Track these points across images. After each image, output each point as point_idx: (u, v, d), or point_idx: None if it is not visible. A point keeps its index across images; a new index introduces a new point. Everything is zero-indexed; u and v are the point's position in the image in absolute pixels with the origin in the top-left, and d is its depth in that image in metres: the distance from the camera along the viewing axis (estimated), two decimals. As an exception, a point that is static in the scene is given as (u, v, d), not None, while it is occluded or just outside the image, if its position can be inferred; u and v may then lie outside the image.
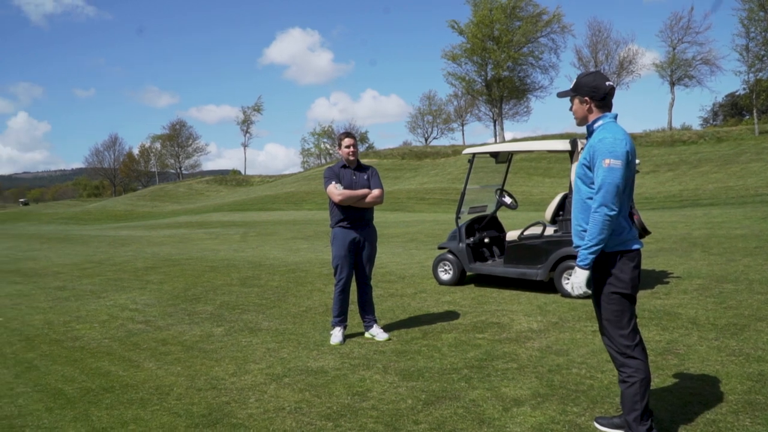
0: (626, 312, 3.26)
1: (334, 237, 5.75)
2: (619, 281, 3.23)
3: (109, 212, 57.98)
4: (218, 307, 7.59)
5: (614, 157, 3.10)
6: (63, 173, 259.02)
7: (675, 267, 8.74)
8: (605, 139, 3.16)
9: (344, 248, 5.67)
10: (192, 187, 77.29)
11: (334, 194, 5.61)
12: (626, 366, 3.24)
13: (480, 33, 60.13)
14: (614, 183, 3.09)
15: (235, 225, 27.35)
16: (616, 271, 3.23)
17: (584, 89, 3.29)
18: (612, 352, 3.33)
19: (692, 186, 30.90)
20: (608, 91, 3.27)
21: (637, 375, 3.21)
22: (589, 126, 3.34)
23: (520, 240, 7.69)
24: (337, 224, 5.74)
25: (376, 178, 5.85)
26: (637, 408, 3.19)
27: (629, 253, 3.25)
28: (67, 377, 4.98)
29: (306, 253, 13.71)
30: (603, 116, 3.29)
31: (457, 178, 43.36)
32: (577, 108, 3.36)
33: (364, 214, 5.75)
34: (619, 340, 3.26)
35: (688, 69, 55.04)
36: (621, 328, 3.25)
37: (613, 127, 3.23)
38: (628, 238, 3.25)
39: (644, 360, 3.25)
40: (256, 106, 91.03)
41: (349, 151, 5.75)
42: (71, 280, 10.67)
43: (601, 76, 3.33)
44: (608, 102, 3.31)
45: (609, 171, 3.09)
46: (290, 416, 3.95)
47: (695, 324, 5.67)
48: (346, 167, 5.80)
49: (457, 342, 5.50)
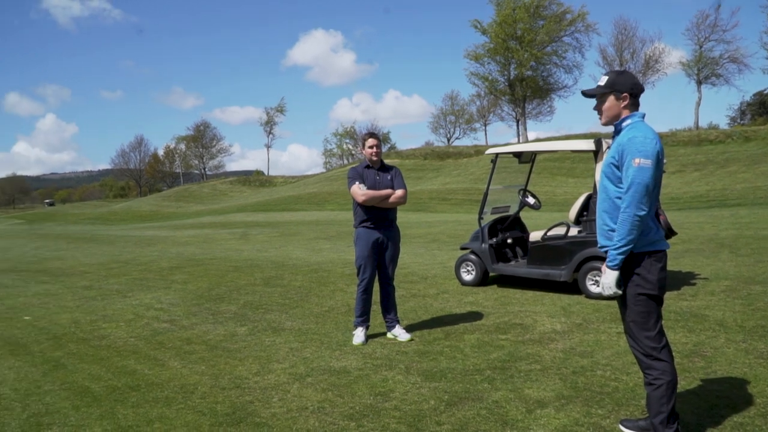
0: (653, 313, 3.21)
1: (358, 237, 5.76)
2: (647, 282, 3.18)
3: (134, 213, 58.80)
4: (242, 307, 7.66)
5: (644, 156, 3.06)
6: (90, 174, 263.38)
7: (702, 268, 8.60)
8: (635, 138, 3.12)
9: (368, 248, 5.68)
10: (216, 187, 78.05)
11: (357, 194, 5.62)
12: (652, 368, 3.20)
13: (503, 32, 59.77)
14: (644, 182, 3.05)
15: (258, 225, 27.56)
16: (643, 272, 3.18)
17: (625, 85, 3.25)
18: (638, 354, 3.28)
19: (719, 186, 30.38)
20: (642, 89, 3.27)
21: (663, 377, 3.17)
22: (617, 124, 3.29)
23: (543, 240, 7.63)
24: (361, 224, 5.74)
25: (399, 178, 5.84)
26: (664, 411, 3.15)
27: (656, 254, 3.20)
28: (93, 375, 5.06)
29: (328, 253, 13.76)
30: (632, 115, 3.26)
31: (479, 178, 43.15)
32: (611, 105, 3.29)
33: (387, 214, 5.75)
34: (645, 342, 3.22)
35: (715, 67, 54.14)
36: (647, 330, 3.21)
37: (643, 126, 3.20)
38: (656, 239, 3.20)
39: (670, 362, 3.21)
40: (279, 107, 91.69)
41: (372, 152, 5.76)
42: (98, 280, 10.85)
43: (635, 75, 3.31)
44: (638, 101, 3.29)
45: (639, 170, 3.05)
46: (313, 416, 3.97)
47: (722, 326, 5.57)
48: (370, 167, 5.80)
49: (480, 343, 5.48)
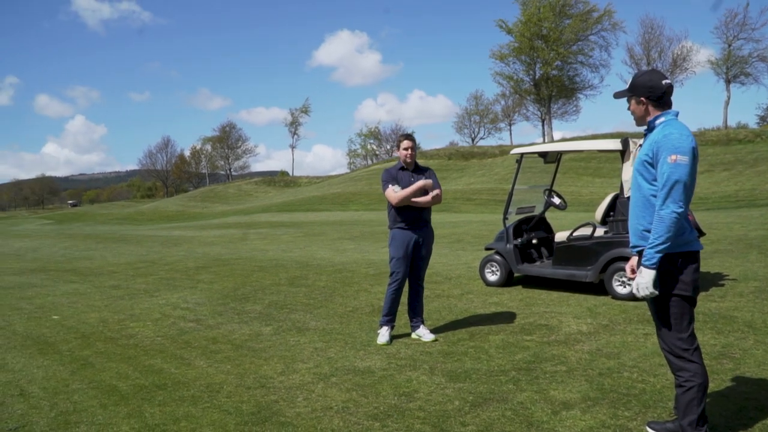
0: (686, 315, 3.18)
1: (393, 238, 5.79)
2: (681, 283, 3.14)
3: (161, 213, 59.60)
4: (267, 307, 7.72)
5: (681, 153, 3.02)
6: (118, 175, 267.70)
7: (731, 269, 8.44)
8: (671, 134, 3.08)
9: (403, 249, 5.70)
10: (241, 188, 78.75)
11: (391, 197, 5.64)
12: (684, 370, 3.16)
13: (528, 32, 59.39)
14: (681, 179, 3.01)
15: (283, 225, 27.74)
16: (677, 272, 3.14)
17: (641, 89, 3.23)
18: (669, 356, 3.24)
19: (749, 186, 29.78)
20: (666, 89, 3.20)
21: (694, 379, 3.13)
22: (650, 122, 3.26)
23: (569, 241, 7.56)
24: (396, 225, 5.77)
25: (434, 179, 5.84)
26: (693, 413, 3.11)
27: (691, 255, 3.16)
28: (121, 374, 5.14)
29: (353, 253, 13.80)
30: (665, 113, 3.22)
31: (504, 178, 42.90)
32: (634, 108, 3.31)
33: (421, 215, 5.76)
34: (678, 344, 3.18)
35: (744, 66, 53.18)
36: (680, 332, 3.17)
37: (677, 123, 3.16)
38: (690, 239, 3.17)
39: (702, 364, 3.17)
40: (304, 107, 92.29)
41: (407, 154, 5.76)
42: (125, 279, 11.02)
43: (658, 74, 3.25)
44: (667, 100, 3.23)
45: (675, 167, 3.01)
46: (337, 416, 3.99)
47: (751, 327, 5.47)
48: (404, 169, 5.81)
49: (505, 344, 5.45)
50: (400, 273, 5.75)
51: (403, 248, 5.71)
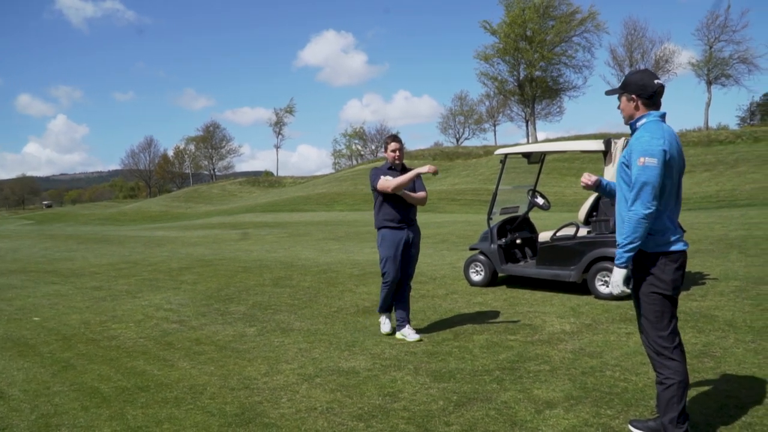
0: (666, 313, 3.23)
1: (383, 238, 5.86)
2: (660, 281, 3.20)
3: (144, 213, 59.11)
4: (251, 308, 7.68)
5: (649, 155, 3.08)
6: (100, 175, 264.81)
7: (712, 268, 8.55)
8: (642, 137, 3.16)
9: (393, 249, 5.79)
10: (225, 188, 78.31)
11: (388, 183, 5.65)
12: (664, 367, 3.21)
13: (513, 33, 59.71)
14: (649, 181, 3.08)
15: (267, 226, 27.63)
16: (657, 271, 3.20)
17: (632, 87, 3.28)
18: (650, 353, 3.30)
19: (729, 186, 30.18)
20: (657, 89, 3.25)
21: (674, 377, 3.18)
22: (633, 124, 3.33)
23: (552, 241, 7.61)
24: (384, 225, 5.84)
25: (419, 180, 5.95)
26: (674, 410, 3.16)
27: (672, 255, 3.21)
28: (103, 376, 5.09)
29: (337, 253, 13.78)
30: (647, 114, 3.27)
31: (488, 178, 43.08)
32: (624, 106, 3.35)
33: (408, 214, 5.86)
34: (658, 341, 3.24)
35: (725, 68, 53.92)
36: (660, 330, 3.23)
37: (654, 125, 3.21)
38: (672, 240, 3.21)
39: (682, 362, 3.22)
40: (289, 107, 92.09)
41: (395, 155, 5.87)
42: (107, 280, 10.91)
43: (650, 74, 3.32)
44: (656, 101, 3.29)
45: (643, 169, 3.09)
46: (322, 416, 3.98)
47: (732, 326, 5.54)
48: (392, 169, 5.91)
49: (489, 343, 5.47)
50: (392, 274, 5.82)
51: (394, 248, 5.78)
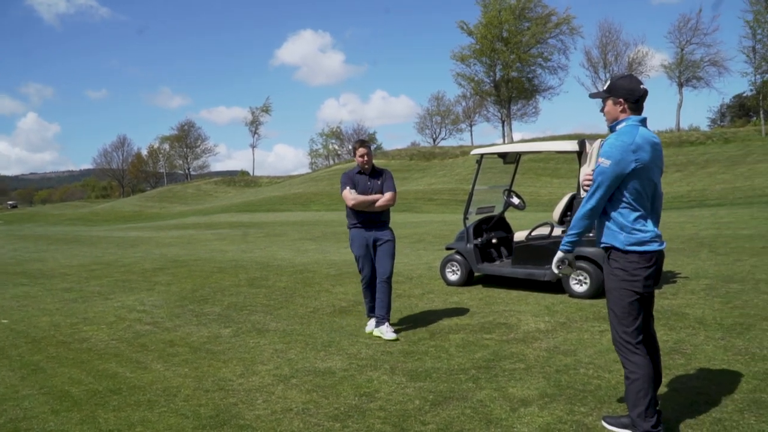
0: (633, 310, 3.30)
1: (352, 239, 6.05)
2: (630, 278, 3.28)
3: (117, 213, 58.29)
4: (226, 308, 7.62)
5: (605, 157, 3.23)
6: (71, 174, 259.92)
7: (683, 267, 8.70)
8: (609, 139, 3.30)
9: (362, 248, 5.97)
10: (200, 188, 77.61)
11: (348, 199, 5.90)
12: (629, 362, 3.30)
13: (489, 34, 60.15)
14: (598, 179, 3.25)
15: (243, 226, 27.43)
16: (629, 267, 3.29)
17: (620, 91, 3.35)
18: (616, 347, 3.40)
19: (700, 186, 30.77)
20: (642, 94, 3.33)
21: (639, 371, 3.25)
22: (612, 127, 3.41)
23: (527, 240, 7.68)
24: (354, 226, 6.01)
25: (389, 181, 6.06)
26: (641, 404, 3.23)
27: (645, 254, 3.29)
28: (73, 379, 5.00)
29: (314, 254, 13.73)
30: (627, 119, 3.35)
31: (465, 178, 43.32)
32: (610, 109, 3.41)
33: (379, 217, 5.99)
34: (623, 336, 3.32)
35: (696, 70, 55.02)
36: (626, 325, 3.31)
37: (629, 129, 3.30)
38: (646, 240, 3.29)
39: (645, 356, 3.30)
40: (265, 107, 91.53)
41: (363, 160, 6.00)
42: (79, 282, 10.73)
43: (636, 79, 3.40)
44: (640, 105, 3.37)
45: (598, 167, 3.27)
46: (297, 417, 3.96)
47: (702, 324, 5.65)
48: (362, 173, 6.03)
49: (465, 342, 5.50)
50: (366, 270, 6.04)
51: (363, 248, 5.95)
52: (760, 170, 31.74)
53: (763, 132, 41.27)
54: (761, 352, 4.71)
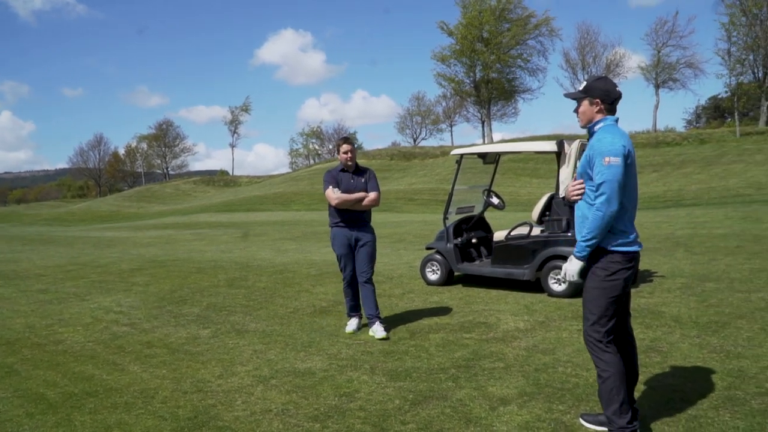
0: (610, 310, 3.33)
1: (334, 237, 6.03)
2: (611, 278, 3.30)
3: (93, 213, 57.51)
4: (205, 309, 7.55)
5: (613, 155, 3.20)
6: (47, 173, 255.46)
7: (659, 266, 8.81)
8: (604, 139, 3.28)
9: (344, 247, 5.96)
10: (179, 187, 76.89)
11: (331, 198, 5.87)
12: (600, 360, 3.33)
13: (469, 34, 60.43)
14: (615, 179, 3.19)
15: (222, 226, 27.23)
16: (610, 267, 3.30)
17: (597, 92, 3.39)
18: (587, 345, 3.43)
19: (676, 186, 31.22)
20: (618, 96, 3.39)
21: (610, 369, 3.29)
22: (591, 128, 3.44)
23: (507, 240, 7.72)
24: (335, 224, 6.00)
25: (373, 181, 6.05)
26: (615, 401, 3.26)
27: (627, 254, 3.32)
28: (49, 382, 4.92)
29: (294, 254, 13.68)
30: (604, 119, 3.39)
31: (445, 178, 43.45)
32: (585, 109, 3.44)
33: (360, 216, 5.98)
34: (594, 335, 3.34)
35: (673, 72, 55.89)
36: (601, 325, 3.34)
37: (612, 128, 3.35)
38: (629, 240, 3.33)
39: (616, 354, 3.32)
40: (244, 106, 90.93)
41: (347, 157, 5.97)
42: (54, 283, 10.56)
43: (612, 81, 3.46)
44: (615, 107, 3.42)
45: (609, 168, 3.20)
46: (277, 418, 3.94)
47: (678, 322, 5.73)
48: (345, 171, 6.01)
49: (445, 342, 5.51)
50: (348, 269, 6.04)
51: (344, 247, 5.95)
52: (734, 171, 32.30)
53: (738, 133, 41.97)
54: (736, 350, 4.79)
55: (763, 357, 4.59)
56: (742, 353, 4.70)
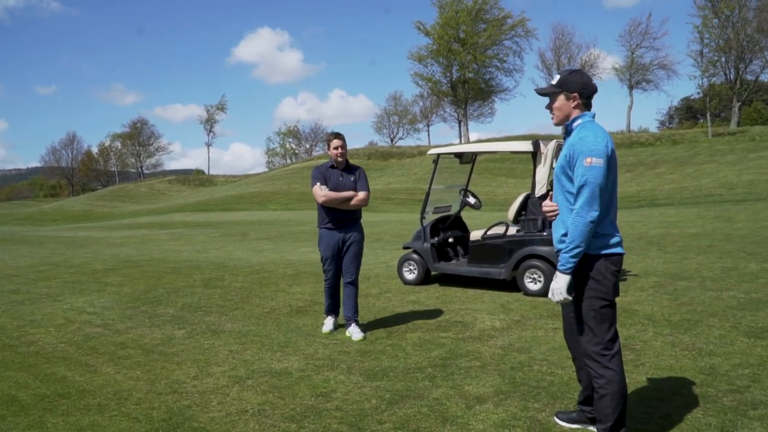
0: (606, 320, 3.13)
1: (321, 238, 5.88)
2: (601, 286, 3.10)
3: (66, 213, 56.57)
4: (180, 309, 7.47)
5: (596, 156, 2.99)
6: (18, 172, 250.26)
7: (632, 265, 8.94)
8: (586, 137, 3.06)
9: (330, 249, 5.81)
10: (153, 186, 75.99)
11: (318, 195, 5.68)
12: (600, 376, 3.13)
13: (446, 34, 60.67)
14: (597, 182, 2.98)
15: (198, 225, 26.97)
16: (598, 275, 3.10)
17: (574, 85, 3.17)
18: (587, 360, 3.20)
19: (649, 186, 31.68)
20: (594, 89, 3.20)
21: (608, 387, 3.10)
22: (568, 125, 3.22)
23: (483, 240, 7.77)
24: (324, 225, 5.82)
25: (363, 180, 5.88)
26: (608, 420, 3.09)
27: (613, 257, 3.12)
28: (20, 383, 4.83)
29: (270, 253, 13.60)
30: (582, 115, 3.19)
31: (422, 178, 43.57)
32: (561, 105, 3.21)
33: (350, 215, 5.81)
34: (595, 349, 3.13)
35: (646, 73, 56.78)
36: (601, 334, 3.13)
37: (593, 125, 3.13)
38: (614, 242, 3.13)
39: (619, 371, 3.13)
40: (220, 104, 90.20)
41: (337, 153, 5.78)
42: (26, 283, 10.36)
43: (587, 74, 3.26)
44: (591, 102, 3.23)
45: (590, 170, 2.99)
46: (253, 419, 3.91)
47: (651, 320, 5.82)
48: (335, 168, 5.83)
49: (422, 341, 5.53)
50: (331, 272, 5.94)
51: (331, 249, 5.82)
52: (706, 171, 32.90)
53: (709, 134, 42.76)
54: (707, 348, 4.88)
55: (734, 354, 4.69)
56: (713, 351, 4.79)
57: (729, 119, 53.29)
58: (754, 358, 4.57)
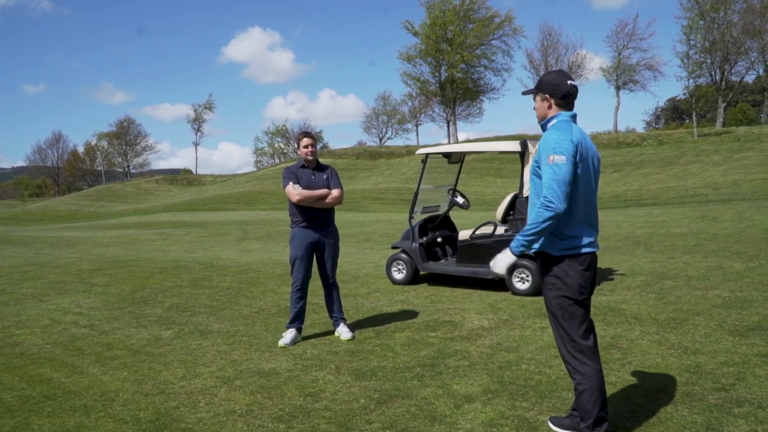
0: (576, 318, 3.20)
1: (293, 237, 5.76)
2: (566, 286, 3.18)
3: (52, 212, 56.05)
4: (167, 310, 7.43)
5: (558, 153, 3.07)
6: (3, 172, 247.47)
7: (619, 264, 9.00)
8: (549, 137, 3.15)
9: (301, 248, 5.67)
10: (140, 186, 75.45)
11: (292, 194, 5.61)
12: (576, 372, 3.20)
13: (434, 34, 60.68)
14: (557, 179, 3.05)
15: (186, 225, 26.81)
16: (562, 275, 3.19)
17: (546, 86, 3.27)
18: (564, 359, 3.29)
19: (636, 186, 31.88)
20: (569, 90, 3.23)
21: (585, 383, 3.17)
22: (544, 124, 3.30)
23: (471, 239, 7.79)
24: (296, 224, 5.74)
25: (335, 178, 5.85)
26: (590, 416, 3.16)
27: (579, 257, 3.18)
28: (5, 385, 4.78)
29: (258, 253, 13.55)
30: (558, 115, 3.25)
31: (411, 178, 43.59)
32: (538, 105, 3.33)
33: (323, 215, 5.76)
34: (567, 346, 3.22)
35: (633, 74, 57.05)
36: (572, 331, 3.20)
37: (564, 125, 3.19)
38: (580, 244, 3.18)
39: (593, 366, 3.19)
40: (208, 103, 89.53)
41: (307, 151, 5.75)
42: (10, 284, 10.26)
43: (564, 75, 3.30)
44: (570, 102, 3.27)
45: (552, 167, 3.07)
46: (241, 419, 3.90)
47: (638, 319, 5.86)
48: (306, 167, 5.80)
49: (410, 341, 5.53)
50: (300, 273, 5.71)
51: (302, 248, 5.68)
52: (692, 171, 33.16)
53: (695, 134, 43.09)
54: (693, 346, 4.92)
55: (720, 353, 4.73)
56: (699, 349, 4.84)
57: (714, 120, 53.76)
58: (739, 357, 4.62)
